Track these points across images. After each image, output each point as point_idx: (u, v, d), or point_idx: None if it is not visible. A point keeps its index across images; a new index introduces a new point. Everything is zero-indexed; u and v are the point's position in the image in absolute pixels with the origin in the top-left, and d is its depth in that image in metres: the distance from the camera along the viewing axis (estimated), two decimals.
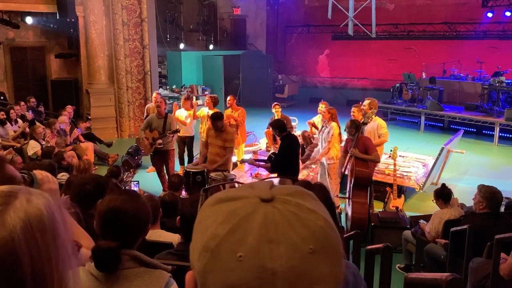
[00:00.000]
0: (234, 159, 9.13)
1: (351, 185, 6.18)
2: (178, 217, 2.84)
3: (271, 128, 6.88)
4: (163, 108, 7.77)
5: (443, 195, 5.23)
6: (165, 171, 7.73)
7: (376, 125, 7.05)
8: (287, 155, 6.46)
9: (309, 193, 0.70)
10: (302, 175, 8.16)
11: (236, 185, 5.62)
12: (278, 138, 6.75)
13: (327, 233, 0.65)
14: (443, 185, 5.39)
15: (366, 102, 7.27)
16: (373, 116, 7.00)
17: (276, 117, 8.65)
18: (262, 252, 0.60)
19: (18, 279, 0.84)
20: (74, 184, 3.14)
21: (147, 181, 8.46)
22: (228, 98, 8.95)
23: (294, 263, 0.61)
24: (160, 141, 7.55)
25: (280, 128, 6.44)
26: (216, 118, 6.84)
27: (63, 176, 5.14)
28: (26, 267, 0.85)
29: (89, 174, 5.04)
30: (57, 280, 0.90)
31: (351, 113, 7.34)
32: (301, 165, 8.93)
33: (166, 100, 8.77)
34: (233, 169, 7.80)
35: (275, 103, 9.25)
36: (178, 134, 7.97)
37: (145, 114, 9.44)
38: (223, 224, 0.63)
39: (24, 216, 0.86)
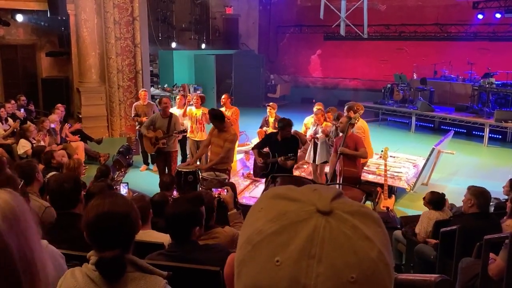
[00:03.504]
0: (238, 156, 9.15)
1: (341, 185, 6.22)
2: None
3: (279, 126, 6.80)
4: (169, 108, 7.77)
5: (436, 203, 5.15)
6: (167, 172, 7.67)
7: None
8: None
9: (374, 218, 0.64)
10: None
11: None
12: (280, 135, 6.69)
13: (377, 267, 0.60)
14: (442, 194, 5.25)
15: (345, 108, 7.28)
16: (359, 117, 6.99)
17: (269, 117, 8.64)
18: (300, 265, 0.58)
19: (10, 262, 0.93)
20: (51, 184, 3.06)
21: (139, 180, 8.42)
22: (223, 96, 8.89)
23: (329, 286, 0.57)
24: (163, 141, 7.50)
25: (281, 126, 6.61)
26: (215, 117, 6.59)
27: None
28: (14, 251, 0.93)
29: (65, 173, 5.00)
30: (39, 262, 0.99)
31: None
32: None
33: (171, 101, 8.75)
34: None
35: (271, 103, 9.06)
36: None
37: (133, 113, 9.39)
38: (271, 222, 0.62)
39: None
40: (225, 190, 3.91)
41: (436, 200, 5.14)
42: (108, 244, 1.72)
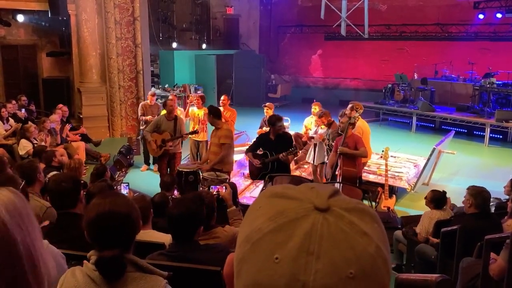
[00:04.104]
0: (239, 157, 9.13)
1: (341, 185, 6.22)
2: None
3: (270, 124, 6.80)
4: (175, 110, 7.77)
5: (438, 201, 5.15)
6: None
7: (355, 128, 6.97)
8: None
9: (371, 214, 0.65)
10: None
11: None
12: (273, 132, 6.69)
13: (375, 261, 0.60)
14: (443, 192, 5.26)
15: (349, 106, 7.27)
16: (359, 117, 6.95)
17: (267, 118, 8.63)
18: (299, 261, 0.59)
19: (16, 255, 0.95)
20: (50, 184, 3.07)
21: (140, 180, 8.42)
22: (222, 97, 8.90)
23: (328, 282, 0.58)
24: (171, 143, 7.48)
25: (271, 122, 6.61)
26: (212, 111, 6.65)
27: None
28: (19, 244, 0.96)
29: (64, 173, 5.00)
30: (41, 258, 1.01)
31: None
32: (294, 166, 8.97)
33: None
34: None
35: (268, 104, 9.08)
36: None
37: (140, 112, 9.37)
38: (270, 220, 0.62)
39: (2, 203, 0.98)
40: (224, 187, 3.91)
41: (438, 198, 5.13)
42: (108, 243, 1.72)
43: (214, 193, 3.80)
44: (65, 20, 12.29)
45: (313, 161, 7.71)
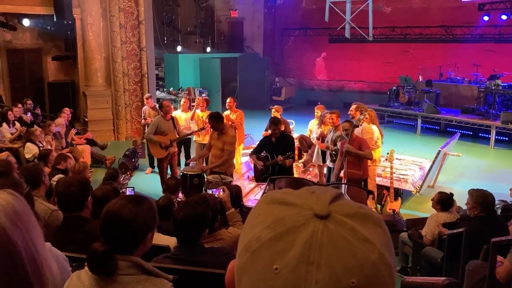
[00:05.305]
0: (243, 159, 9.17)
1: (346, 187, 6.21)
2: None
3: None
4: (172, 111, 7.83)
5: (445, 203, 5.13)
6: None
7: (361, 130, 6.89)
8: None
9: (374, 218, 0.62)
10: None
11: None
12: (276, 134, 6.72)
13: (378, 269, 0.58)
14: (451, 194, 5.23)
15: (353, 106, 7.25)
16: (364, 119, 6.92)
17: None
18: (299, 272, 0.57)
19: (18, 259, 0.94)
20: (59, 186, 3.08)
21: (144, 183, 8.43)
22: (228, 100, 8.89)
23: None
24: (174, 143, 7.55)
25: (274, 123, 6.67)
26: (212, 118, 6.63)
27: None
28: (21, 249, 0.95)
29: (73, 176, 5.01)
30: (44, 261, 1.00)
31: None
32: (301, 169, 8.97)
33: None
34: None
35: (276, 106, 9.11)
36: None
37: (142, 116, 9.41)
38: (268, 229, 0.61)
39: (1, 208, 0.97)
40: (221, 190, 3.92)
41: (445, 200, 5.11)
42: (106, 239, 1.79)
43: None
44: (70, 24, 12.36)
45: (321, 163, 7.70)
